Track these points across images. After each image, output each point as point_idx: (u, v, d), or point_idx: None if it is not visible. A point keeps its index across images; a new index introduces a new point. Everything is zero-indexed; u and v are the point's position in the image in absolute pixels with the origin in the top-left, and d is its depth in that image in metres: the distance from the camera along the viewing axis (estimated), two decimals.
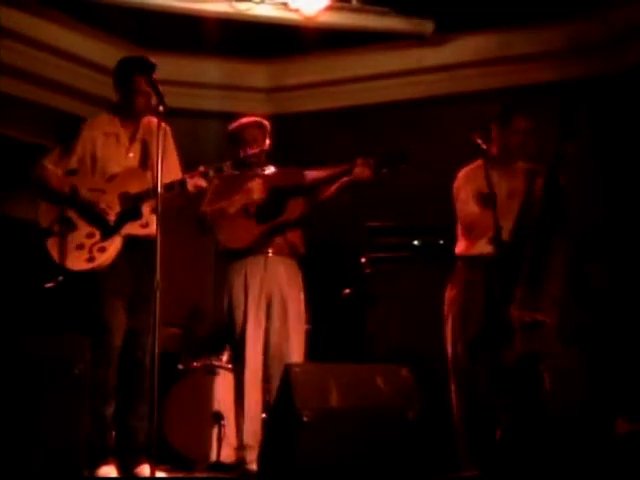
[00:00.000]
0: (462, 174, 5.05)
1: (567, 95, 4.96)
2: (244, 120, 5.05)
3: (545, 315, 4.66)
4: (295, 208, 4.92)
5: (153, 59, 4.51)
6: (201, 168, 4.53)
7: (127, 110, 4.59)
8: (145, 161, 4.58)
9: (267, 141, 5.02)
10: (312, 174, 4.97)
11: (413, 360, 4.22)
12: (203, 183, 4.51)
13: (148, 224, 4.39)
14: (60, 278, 4.44)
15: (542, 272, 4.66)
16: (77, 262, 4.38)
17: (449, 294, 4.97)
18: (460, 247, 5.00)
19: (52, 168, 4.50)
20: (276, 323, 4.86)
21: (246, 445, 4.79)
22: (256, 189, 4.90)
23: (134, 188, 4.46)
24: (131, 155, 4.59)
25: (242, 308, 4.83)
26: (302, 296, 4.98)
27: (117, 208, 4.44)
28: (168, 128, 4.59)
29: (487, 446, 4.47)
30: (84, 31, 6.65)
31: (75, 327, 4.58)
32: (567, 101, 4.91)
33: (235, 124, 5.05)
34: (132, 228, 4.45)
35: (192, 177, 4.49)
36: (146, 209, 4.42)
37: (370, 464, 3.73)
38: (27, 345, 3.56)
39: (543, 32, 6.46)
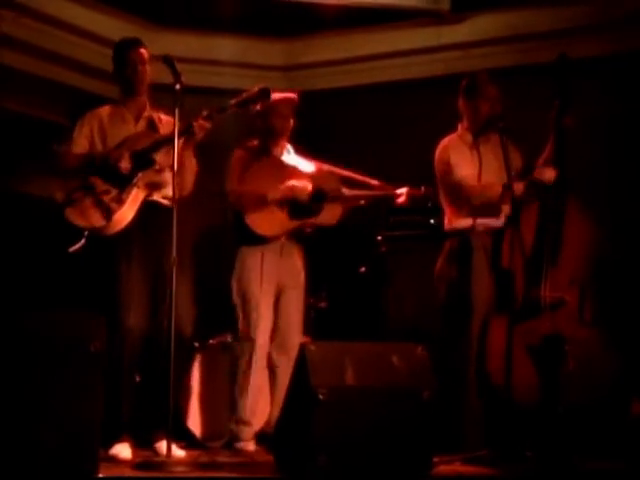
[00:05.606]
0: (445, 143, 5.04)
1: (562, 70, 4.92)
2: (277, 96, 4.99)
3: (566, 294, 4.66)
4: (333, 214, 4.98)
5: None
6: (204, 111, 4.54)
7: (128, 89, 4.69)
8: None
9: (292, 120, 5.07)
10: (351, 193, 5.02)
11: (428, 339, 4.22)
12: (208, 124, 4.51)
13: (162, 168, 4.47)
14: (83, 241, 4.48)
15: (559, 251, 4.66)
16: (96, 219, 4.46)
17: (442, 271, 4.98)
18: (453, 221, 4.99)
19: (67, 151, 4.64)
20: (284, 305, 4.97)
21: (241, 420, 4.85)
22: (304, 192, 4.92)
23: (143, 145, 4.54)
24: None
25: (257, 290, 4.90)
26: (304, 275, 5.07)
27: (129, 162, 4.49)
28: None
29: (503, 426, 4.47)
30: (98, 8, 6.61)
31: (92, 304, 4.61)
32: (562, 75, 4.90)
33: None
34: (147, 175, 4.51)
35: (197, 121, 4.49)
36: (159, 156, 4.49)
37: (385, 442, 3.75)
38: (42, 322, 3.56)
39: (561, 10, 6.40)
